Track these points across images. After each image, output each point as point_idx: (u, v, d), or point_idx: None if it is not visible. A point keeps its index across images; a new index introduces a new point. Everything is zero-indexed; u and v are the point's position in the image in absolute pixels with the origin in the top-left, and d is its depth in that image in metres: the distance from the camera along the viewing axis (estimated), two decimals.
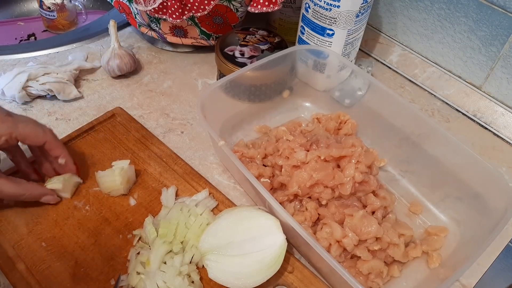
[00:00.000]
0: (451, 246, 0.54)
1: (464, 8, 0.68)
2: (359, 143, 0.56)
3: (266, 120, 0.68)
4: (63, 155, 0.53)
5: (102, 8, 1.07)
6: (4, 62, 0.74)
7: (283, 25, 0.80)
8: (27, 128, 0.49)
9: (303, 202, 0.55)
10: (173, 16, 0.68)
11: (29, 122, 0.50)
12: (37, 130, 0.50)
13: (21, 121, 0.49)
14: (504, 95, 0.70)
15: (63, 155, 0.53)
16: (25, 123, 0.49)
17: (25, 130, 0.49)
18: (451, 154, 0.56)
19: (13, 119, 0.48)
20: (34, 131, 0.50)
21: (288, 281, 0.50)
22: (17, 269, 0.49)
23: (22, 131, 0.49)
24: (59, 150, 0.53)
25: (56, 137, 0.53)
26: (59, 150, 0.53)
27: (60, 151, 0.53)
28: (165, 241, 0.50)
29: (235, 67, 0.66)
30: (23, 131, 0.49)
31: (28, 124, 0.50)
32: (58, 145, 0.53)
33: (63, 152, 0.53)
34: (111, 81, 0.73)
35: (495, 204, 0.52)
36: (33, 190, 0.51)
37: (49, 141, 0.51)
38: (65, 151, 0.54)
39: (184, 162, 0.61)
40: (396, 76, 0.79)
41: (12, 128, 0.48)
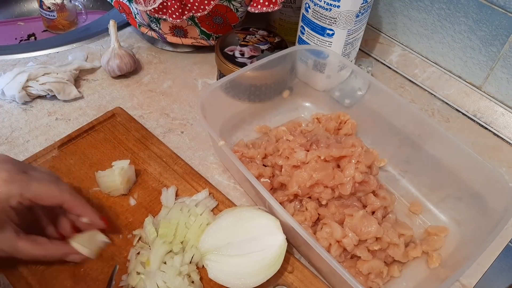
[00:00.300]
0: (451, 246, 0.54)
1: (464, 8, 0.68)
2: (359, 143, 0.56)
3: (266, 120, 0.68)
4: (85, 214, 0.48)
5: (102, 8, 1.07)
6: (4, 62, 0.74)
7: (283, 25, 0.80)
8: (40, 188, 0.44)
9: (303, 202, 0.55)
10: (173, 16, 0.68)
11: (44, 181, 0.45)
12: (52, 190, 0.45)
13: (35, 180, 0.44)
14: (504, 95, 0.70)
15: (86, 214, 0.48)
16: (39, 181, 0.44)
17: (38, 191, 0.44)
18: (451, 154, 0.56)
19: (26, 178, 0.44)
20: (49, 192, 0.45)
21: (288, 281, 0.50)
22: (17, 269, 0.48)
23: (35, 192, 0.44)
24: (79, 208, 0.48)
25: (75, 195, 0.47)
26: (80, 208, 0.48)
27: (81, 210, 0.48)
28: (165, 241, 0.50)
29: (235, 67, 0.66)
30: (36, 192, 0.44)
31: (43, 183, 0.45)
32: (78, 203, 0.47)
33: (85, 210, 0.48)
34: (111, 81, 0.73)
35: (495, 204, 0.52)
36: (56, 251, 0.47)
37: (67, 201, 0.46)
38: (87, 209, 0.48)
39: (184, 162, 0.61)
40: (396, 76, 0.79)
41: (23, 188, 0.43)
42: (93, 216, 0.49)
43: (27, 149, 0.62)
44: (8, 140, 0.63)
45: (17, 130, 0.64)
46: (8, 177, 0.43)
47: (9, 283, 0.48)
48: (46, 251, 0.47)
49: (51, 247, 0.47)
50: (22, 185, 0.43)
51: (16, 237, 0.45)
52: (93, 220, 0.49)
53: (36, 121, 0.65)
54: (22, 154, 0.61)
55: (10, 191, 0.43)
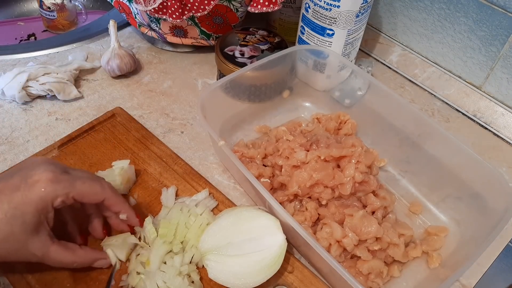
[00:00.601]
0: (451, 246, 0.54)
1: (464, 8, 0.68)
2: (359, 143, 0.56)
3: (266, 120, 0.68)
4: (124, 210, 0.49)
5: (102, 8, 1.07)
6: (4, 62, 0.74)
7: (283, 25, 0.80)
8: (84, 186, 0.45)
9: (303, 202, 0.55)
10: (173, 16, 0.68)
11: (87, 179, 0.46)
12: (95, 187, 0.46)
13: (78, 178, 0.45)
14: (504, 95, 0.70)
15: (124, 210, 0.49)
16: (82, 180, 0.45)
17: (83, 189, 0.45)
18: (451, 154, 0.56)
19: (70, 178, 0.44)
20: (92, 189, 0.46)
21: (288, 281, 0.50)
22: (17, 269, 0.48)
23: (80, 190, 0.45)
24: (119, 205, 0.49)
25: (115, 192, 0.48)
26: (120, 205, 0.49)
27: (121, 206, 0.49)
28: (165, 241, 0.50)
29: (235, 67, 0.66)
30: (81, 190, 0.45)
31: (86, 181, 0.45)
32: (118, 200, 0.48)
33: (124, 206, 0.49)
34: (111, 81, 0.73)
35: (495, 204, 0.52)
36: (86, 257, 0.48)
37: (108, 197, 0.47)
38: (126, 205, 0.49)
39: (184, 162, 0.61)
40: (396, 76, 0.79)
41: (69, 187, 0.44)
42: (131, 213, 0.50)
43: (27, 149, 0.62)
44: (8, 140, 0.63)
45: (17, 130, 0.64)
46: (53, 177, 0.43)
47: (9, 283, 0.48)
48: (76, 258, 0.46)
49: (81, 254, 0.47)
50: (68, 184, 0.44)
51: (50, 240, 0.44)
52: (131, 217, 0.50)
53: (36, 121, 0.65)
54: (22, 154, 0.61)
55: (56, 191, 0.43)
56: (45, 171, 0.43)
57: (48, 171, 0.43)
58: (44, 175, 0.43)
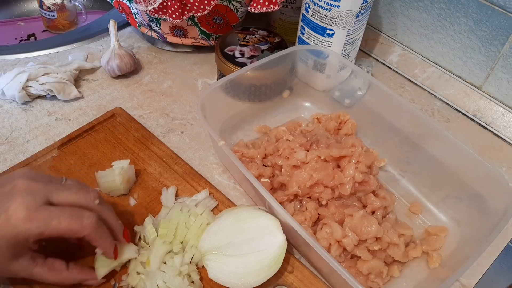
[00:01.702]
0: (451, 246, 0.54)
1: (464, 8, 0.68)
2: (359, 143, 0.56)
3: (266, 120, 0.68)
4: (102, 247, 0.46)
5: (102, 8, 1.07)
6: (4, 62, 0.74)
7: (283, 25, 0.80)
8: (61, 226, 0.41)
9: (303, 202, 0.55)
10: (173, 16, 0.68)
11: (65, 217, 0.42)
12: (73, 226, 0.42)
13: (55, 216, 0.41)
14: (504, 95, 0.70)
15: (103, 247, 0.46)
16: (59, 219, 0.42)
17: (58, 228, 0.41)
18: (451, 154, 0.56)
19: (46, 215, 0.41)
20: (70, 228, 0.42)
21: (288, 281, 0.50)
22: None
23: (55, 229, 0.41)
24: (99, 242, 0.45)
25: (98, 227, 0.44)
26: (99, 242, 0.45)
27: (100, 243, 0.45)
28: (165, 241, 0.50)
29: (235, 67, 0.66)
30: (56, 229, 0.41)
31: (64, 220, 0.42)
32: (99, 237, 0.45)
33: (104, 244, 0.46)
34: (111, 81, 0.73)
35: (495, 204, 0.52)
36: (71, 278, 0.46)
37: (87, 235, 0.44)
38: (106, 242, 0.46)
39: (184, 162, 0.61)
40: (396, 76, 0.79)
41: (43, 227, 0.41)
42: (109, 249, 0.47)
43: (27, 149, 0.62)
44: (8, 140, 0.63)
45: (17, 130, 0.64)
46: (27, 215, 0.40)
47: (9, 283, 0.48)
48: (61, 278, 0.46)
49: (66, 275, 0.46)
50: (42, 224, 0.41)
51: (32, 263, 0.44)
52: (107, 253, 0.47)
53: (36, 121, 0.65)
54: (22, 154, 0.61)
55: (28, 230, 0.41)
56: (20, 205, 0.41)
57: (22, 207, 0.41)
58: (17, 211, 0.40)
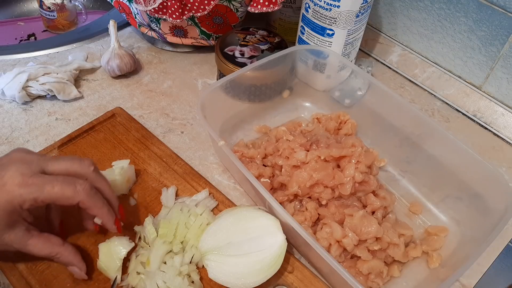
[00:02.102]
0: (451, 246, 0.54)
1: (464, 8, 0.68)
2: (359, 143, 0.56)
3: (266, 120, 0.68)
4: (99, 214, 0.47)
5: (102, 8, 1.07)
6: (4, 62, 0.74)
7: (283, 25, 0.80)
8: (54, 190, 0.43)
9: (303, 202, 0.55)
10: (173, 16, 0.68)
11: (58, 182, 0.43)
12: (66, 191, 0.43)
13: (48, 182, 0.43)
14: (504, 95, 0.70)
15: (100, 215, 0.47)
16: (52, 184, 0.43)
17: (52, 193, 0.43)
18: (451, 154, 0.56)
19: (40, 181, 0.42)
20: (63, 193, 0.43)
21: (288, 281, 0.50)
22: (17, 269, 0.48)
23: (49, 194, 0.43)
24: (94, 209, 0.46)
25: (92, 195, 0.45)
26: (95, 209, 0.46)
27: (96, 211, 0.46)
28: (165, 241, 0.50)
29: (235, 67, 0.66)
30: (49, 194, 0.43)
31: (56, 184, 0.43)
32: (94, 204, 0.45)
33: (100, 211, 0.46)
34: (111, 81, 0.73)
35: (495, 204, 0.52)
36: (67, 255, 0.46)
37: (82, 201, 0.44)
38: (103, 210, 0.46)
39: (184, 162, 0.61)
40: (396, 76, 0.79)
41: (36, 192, 0.42)
42: (108, 218, 0.47)
43: None
44: (8, 140, 0.63)
45: (17, 130, 0.64)
46: (22, 181, 0.42)
47: (9, 283, 0.48)
48: (55, 252, 0.46)
49: (61, 250, 0.46)
50: (35, 189, 0.42)
51: (27, 234, 0.45)
52: (107, 222, 0.47)
53: (36, 121, 0.65)
54: None
55: (22, 196, 0.42)
56: (15, 172, 0.42)
57: (17, 174, 0.42)
58: (12, 178, 0.42)
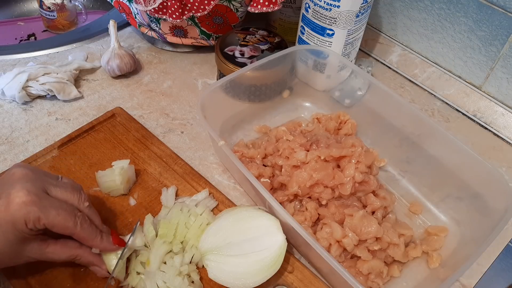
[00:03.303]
0: (451, 246, 0.54)
1: (464, 8, 0.68)
2: (359, 143, 0.56)
3: (266, 120, 0.68)
4: (95, 245, 0.47)
5: (102, 8, 1.07)
6: (4, 62, 0.74)
7: (283, 25, 0.80)
8: (58, 218, 0.43)
9: (303, 202, 0.55)
10: (173, 16, 0.68)
11: (62, 210, 0.43)
12: (68, 223, 0.43)
13: (54, 207, 0.43)
14: (504, 95, 0.70)
15: (96, 246, 0.47)
16: (57, 211, 0.43)
17: (55, 221, 0.43)
18: (451, 154, 0.56)
19: (46, 203, 0.42)
20: (64, 224, 0.43)
21: (288, 281, 0.50)
22: (17, 270, 0.48)
23: (52, 221, 0.42)
24: (88, 242, 0.46)
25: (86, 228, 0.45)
26: (89, 242, 0.46)
27: (91, 243, 0.46)
28: (165, 241, 0.50)
29: (235, 67, 0.66)
30: (53, 221, 0.42)
31: (61, 213, 0.43)
32: (88, 237, 0.46)
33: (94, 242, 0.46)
34: (111, 81, 0.73)
35: (495, 204, 0.52)
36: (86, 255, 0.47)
37: (78, 234, 0.45)
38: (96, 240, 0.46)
39: (184, 162, 0.61)
40: (396, 76, 0.79)
41: (42, 213, 0.42)
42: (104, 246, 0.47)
43: (27, 149, 0.62)
44: (8, 140, 0.63)
45: (17, 130, 0.64)
46: (27, 199, 0.41)
47: (9, 283, 0.48)
48: (75, 254, 0.46)
49: (80, 252, 0.46)
50: (41, 210, 0.42)
51: (44, 244, 0.45)
52: (105, 249, 0.48)
53: (36, 121, 0.65)
54: (22, 154, 0.61)
55: (28, 214, 0.41)
56: (20, 190, 0.42)
57: (23, 191, 0.42)
58: (18, 196, 0.41)
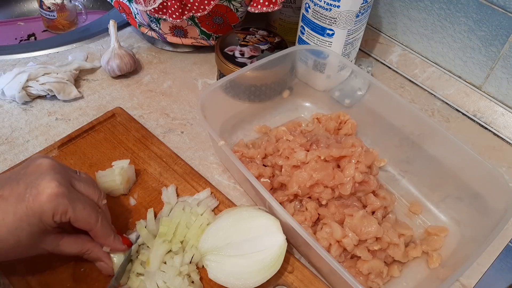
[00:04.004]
0: (451, 246, 0.54)
1: (464, 8, 0.68)
2: (359, 143, 0.56)
3: (266, 120, 0.68)
4: (107, 244, 0.47)
5: (102, 8, 1.07)
6: (4, 62, 0.74)
7: (283, 25, 0.80)
8: (83, 212, 0.44)
9: (303, 202, 0.55)
10: (173, 16, 0.68)
11: (88, 205, 0.44)
12: (92, 217, 0.45)
13: (80, 201, 0.44)
14: (504, 95, 0.70)
15: (107, 244, 0.47)
16: (83, 205, 0.44)
17: (80, 214, 0.43)
18: (451, 154, 0.56)
19: (74, 196, 0.43)
20: (89, 217, 0.44)
21: (288, 281, 0.50)
22: (17, 269, 0.48)
23: (78, 213, 0.43)
24: (102, 239, 0.47)
25: (105, 225, 0.46)
26: (103, 239, 0.47)
27: (104, 240, 0.47)
28: (165, 240, 0.50)
29: (235, 67, 0.66)
30: (79, 213, 0.43)
31: (86, 207, 0.44)
32: (104, 234, 0.47)
33: (107, 241, 0.47)
34: (111, 81, 0.73)
35: (495, 204, 0.52)
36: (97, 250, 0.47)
37: (96, 230, 0.46)
38: (109, 239, 0.47)
39: (184, 162, 0.61)
40: (396, 76, 0.79)
41: (69, 206, 0.42)
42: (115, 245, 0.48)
43: (27, 149, 0.62)
44: (8, 140, 0.63)
45: (17, 130, 0.64)
46: (58, 191, 0.42)
47: (9, 283, 0.48)
48: (86, 248, 0.47)
49: (91, 246, 0.47)
50: (69, 203, 0.42)
51: (59, 236, 0.45)
52: (115, 248, 0.48)
53: (36, 121, 0.65)
54: (22, 154, 0.61)
55: (58, 207, 0.42)
56: (51, 181, 0.42)
57: (54, 183, 0.42)
58: (49, 187, 0.42)
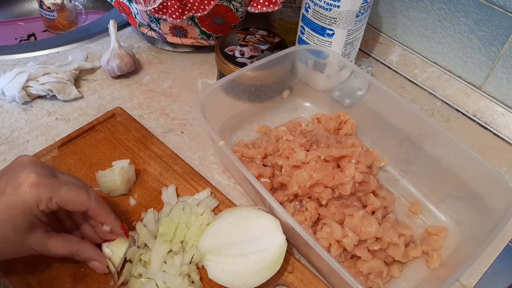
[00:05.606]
0: (451, 246, 0.54)
1: (464, 8, 0.68)
2: (359, 143, 0.56)
3: (266, 120, 0.68)
4: (108, 221, 0.48)
5: (102, 8, 1.07)
6: (4, 62, 0.74)
7: (283, 25, 0.80)
8: (70, 193, 0.44)
9: (303, 202, 0.55)
10: (173, 16, 0.68)
11: (73, 185, 0.45)
12: (81, 195, 0.45)
13: (64, 184, 0.44)
14: (504, 95, 0.70)
15: (108, 222, 0.48)
16: (68, 186, 0.44)
17: (67, 196, 0.44)
18: (451, 154, 0.56)
19: (55, 182, 0.43)
20: (78, 197, 0.44)
21: (288, 281, 0.50)
22: (17, 269, 0.49)
23: (65, 196, 0.43)
24: (103, 216, 0.48)
25: (101, 202, 0.47)
26: (104, 216, 0.48)
27: (105, 218, 0.48)
28: (166, 240, 0.50)
29: (235, 67, 0.66)
30: (65, 196, 0.43)
31: (72, 188, 0.44)
32: (103, 211, 0.47)
33: (108, 218, 0.48)
34: (111, 81, 0.73)
35: (495, 204, 0.52)
36: (86, 250, 0.47)
37: (93, 208, 0.46)
38: (111, 217, 0.48)
39: (184, 162, 0.61)
40: (396, 76, 0.79)
41: (53, 192, 0.43)
42: (116, 224, 0.49)
43: (27, 149, 0.62)
44: (8, 140, 0.63)
45: (17, 130, 0.64)
46: (38, 180, 0.42)
47: (9, 283, 0.48)
48: (75, 249, 0.47)
49: (80, 246, 0.47)
50: (52, 189, 0.43)
51: (46, 235, 0.45)
52: (115, 229, 0.49)
53: (36, 121, 0.65)
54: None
55: (40, 195, 0.42)
56: (30, 173, 0.42)
57: (33, 174, 0.42)
58: (28, 178, 0.42)
